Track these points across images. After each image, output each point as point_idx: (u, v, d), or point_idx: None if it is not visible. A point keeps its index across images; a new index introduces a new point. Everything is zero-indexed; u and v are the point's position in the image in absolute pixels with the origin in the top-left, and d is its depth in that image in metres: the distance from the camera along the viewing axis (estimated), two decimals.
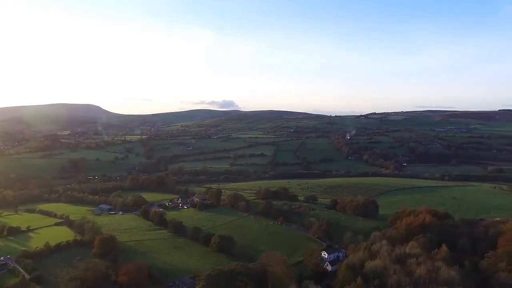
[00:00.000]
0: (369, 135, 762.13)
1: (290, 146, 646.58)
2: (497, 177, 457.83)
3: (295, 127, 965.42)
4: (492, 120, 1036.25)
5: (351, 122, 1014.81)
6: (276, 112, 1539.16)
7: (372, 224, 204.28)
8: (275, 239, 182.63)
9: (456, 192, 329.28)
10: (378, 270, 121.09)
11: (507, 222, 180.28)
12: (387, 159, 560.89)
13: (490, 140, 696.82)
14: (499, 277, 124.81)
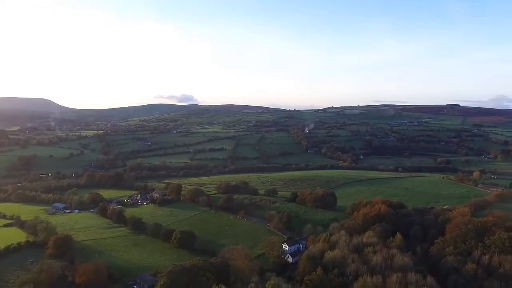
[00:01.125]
0: (327, 129, 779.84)
1: (250, 140, 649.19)
2: (446, 167, 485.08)
3: (255, 121, 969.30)
4: (441, 114, 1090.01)
5: (309, 116, 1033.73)
6: (236, 106, 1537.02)
7: (331, 215, 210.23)
8: (237, 233, 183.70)
9: (408, 183, 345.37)
10: (337, 259, 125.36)
11: (454, 210, 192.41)
12: (345, 152, 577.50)
13: (439, 133, 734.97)
14: (447, 261, 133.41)
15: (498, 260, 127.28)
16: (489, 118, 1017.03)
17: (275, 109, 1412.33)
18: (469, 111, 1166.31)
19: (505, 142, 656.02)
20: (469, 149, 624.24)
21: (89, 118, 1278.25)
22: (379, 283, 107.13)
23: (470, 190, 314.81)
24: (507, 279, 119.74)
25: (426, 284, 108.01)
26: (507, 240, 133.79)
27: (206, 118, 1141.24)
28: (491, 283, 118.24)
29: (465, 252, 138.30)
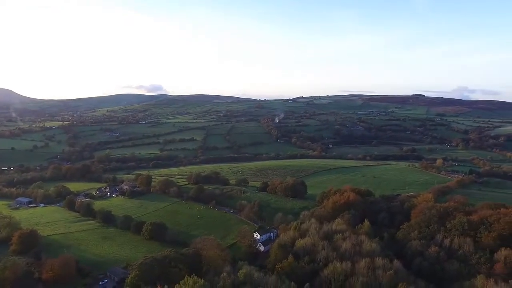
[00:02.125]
0: (297, 119, 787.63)
1: (220, 130, 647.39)
2: (411, 156, 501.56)
3: (225, 111, 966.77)
4: (407, 104, 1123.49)
5: (279, 106, 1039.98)
6: (206, 96, 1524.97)
7: (301, 204, 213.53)
8: (208, 223, 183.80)
9: (376, 171, 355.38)
10: (307, 247, 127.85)
11: (419, 196, 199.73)
12: (314, 141, 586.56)
13: (405, 123, 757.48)
14: (412, 245, 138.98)
15: (458, 242, 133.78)
16: (451, 108, 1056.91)
17: (245, 99, 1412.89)
18: (433, 101, 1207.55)
19: (465, 131, 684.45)
20: (433, 137, 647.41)
21: (53, 109, 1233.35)
22: (348, 268, 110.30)
23: (433, 177, 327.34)
24: (465, 260, 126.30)
25: (392, 268, 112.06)
26: (466, 223, 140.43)
27: (175, 108, 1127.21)
28: (452, 264, 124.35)
29: (429, 236, 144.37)
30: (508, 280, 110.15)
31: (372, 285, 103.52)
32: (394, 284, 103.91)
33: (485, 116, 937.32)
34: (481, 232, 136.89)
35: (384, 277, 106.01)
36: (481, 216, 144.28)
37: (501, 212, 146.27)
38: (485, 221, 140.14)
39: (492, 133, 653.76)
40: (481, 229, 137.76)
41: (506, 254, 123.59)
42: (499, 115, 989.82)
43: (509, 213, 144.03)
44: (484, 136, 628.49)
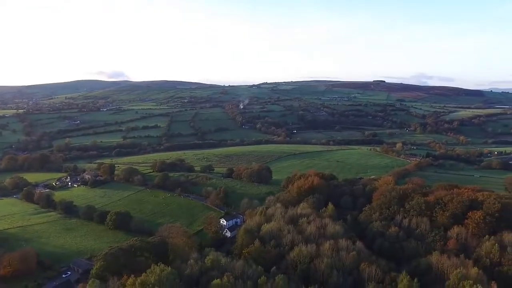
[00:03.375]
0: (261, 104, 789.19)
1: (184, 117, 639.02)
2: (372, 140, 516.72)
3: (189, 97, 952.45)
4: (368, 90, 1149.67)
5: (244, 92, 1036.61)
6: (169, 82, 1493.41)
7: (267, 189, 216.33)
8: (174, 211, 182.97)
9: (339, 155, 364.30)
10: (273, 231, 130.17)
11: (380, 179, 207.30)
12: (279, 127, 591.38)
13: (367, 108, 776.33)
14: (373, 226, 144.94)
15: (416, 222, 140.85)
16: (410, 93, 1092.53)
17: (209, 85, 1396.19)
18: (393, 87, 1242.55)
19: (423, 116, 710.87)
20: (393, 122, 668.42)
21: (6, 96, 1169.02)
22: (313, 251, 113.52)
23: (393, 160, 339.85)
24: (422, 238, 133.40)
25: (355, 249, 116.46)
26: (423, 204, 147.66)
27: (138, 94, 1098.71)
28: (410, 243, 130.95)
29: (389, 217, 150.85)
30: (459, 255, 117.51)
31: (336, 266, 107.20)
32: (357, 264, 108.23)
33: (441, 101, 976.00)
34: (437, 212, 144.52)
35: (347, 258, 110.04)
36: (437, 196, 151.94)
37: (454, 192, 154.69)
38: (440, 201, 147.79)
39: (447, 118, 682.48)
40: (436, 209, 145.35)
41: (458, 231, 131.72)
42: (453, 100, 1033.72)
43: (461, 193, 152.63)
44: (439, 121, 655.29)
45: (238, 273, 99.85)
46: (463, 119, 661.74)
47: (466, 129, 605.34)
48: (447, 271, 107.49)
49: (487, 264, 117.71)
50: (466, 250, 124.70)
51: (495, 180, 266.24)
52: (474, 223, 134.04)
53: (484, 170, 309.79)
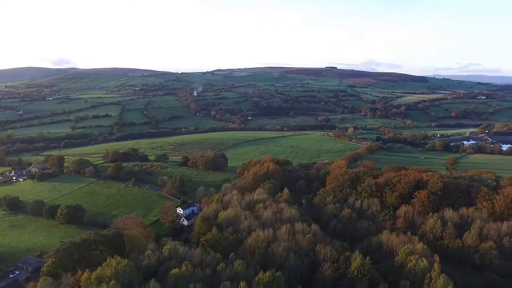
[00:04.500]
0: (215, 92, 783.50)
1: (137, 105, 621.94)
2: (325, 125, 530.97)
3: (141, 85, 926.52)
4: (321, 76, 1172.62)
5: (197, 79, 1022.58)
6: (120, 69, 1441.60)
7: (223, 176, 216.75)
8: (129, 202, 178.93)
9: (293, 141, 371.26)
10: (231, 218, 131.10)
11: (333, 163, 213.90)
12: (234, 114, 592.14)
13: (319, 94, 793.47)
14: (327, 209, 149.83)
15: (367, 203, 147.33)
16: (361, 79, 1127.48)
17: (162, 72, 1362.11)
18: (345, 73, 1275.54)
19: (373, 101, 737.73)
20: (345, 107, 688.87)
21: None
22: (270, 235, 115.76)
23: (346, 144, 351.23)
24: (373, 218, 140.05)
25: (311, 232, 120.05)
26: (374, 185, 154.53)
27: (86, 82, 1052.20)
28: (362, 223, 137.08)
29: (342, 200, 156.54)
30: (406, 232, 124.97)
31: (293, 248, 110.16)
32: (313, 246, 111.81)
33: (389, 87, 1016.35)
34: (386, 193, 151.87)
35: (303, 240, 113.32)
36: (386, 178, 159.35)
37: (402, 173, 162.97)
38: (389, 182, 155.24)
39: (395, 103, 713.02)
40: (386, 190, 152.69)
41: (406, 210, 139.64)
42: (400, 86, 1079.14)
43: (408, 174, 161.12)
44: (388, 106, 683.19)
45: (197, 261, 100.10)
46: (409, 104, 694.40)
47: (412, 114, 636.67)
48: (396, 248, 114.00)
49: (430, 239, 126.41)
50: (413, 227, 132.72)
51: (438, 161, 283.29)
52: (419, 202, 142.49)
53: (428, 152, 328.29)
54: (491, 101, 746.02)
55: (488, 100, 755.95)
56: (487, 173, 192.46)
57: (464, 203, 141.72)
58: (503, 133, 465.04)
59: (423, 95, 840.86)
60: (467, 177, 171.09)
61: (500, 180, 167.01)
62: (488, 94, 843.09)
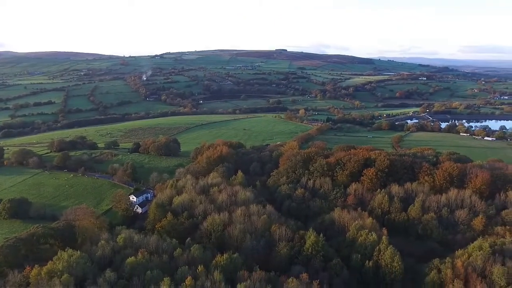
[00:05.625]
0: (165, 75, 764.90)
1: (82, 91, 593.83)
2: (277, 107, 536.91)
3: (86, 69, 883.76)
4: (271, 58, 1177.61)
5: (146, 62, 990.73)
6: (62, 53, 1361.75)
7: (176, 161, 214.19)
8: (78, 192, 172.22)
9: (246, 124, 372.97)
10: (185, 203, 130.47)
11: (285, 145, 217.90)
12: (185, 98, 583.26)
13: (270, 76, 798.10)
14: (281, 190, 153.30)
15: (320, 183, 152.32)
16: (310, 61, 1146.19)
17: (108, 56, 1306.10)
18: (295, 55, 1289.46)
19: (323, 83, 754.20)
20: (295, 90, 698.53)
21: None
22: (226, 218, 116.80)
23: (297, 126, 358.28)
24: (326, 197, 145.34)
25: (266, 213, 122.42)
26: (325, 165, 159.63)
27: (25, 67, 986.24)
28: (315, 202, 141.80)
29: (295, 180, 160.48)
30: (357, 208, 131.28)
31: (249, 230, 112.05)
32: (268, 227, 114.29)
33: (338, 69, 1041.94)
34: (337, 172, 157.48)
35: (259, 222, 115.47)
36: (337, 158, 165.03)
37: (351, 153, 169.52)
38: (340, 161, 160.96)
39: (343, 85, 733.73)
40: (337, 169, 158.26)
41: (355, 188, 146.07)
42: (348, 68, 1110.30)
43: (357, 153, 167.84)
44: (337, 87, 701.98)
45: (153, 248, 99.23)
46: (357, 86, 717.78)
47: (360, 94, 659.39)
48: (347, 224, 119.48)
49: (379, 213, 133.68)
50: (363, 204, 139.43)
51: (384, 139, 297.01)
52: (368, 179, 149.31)
53: (375, 131, 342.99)
54: (431, 82, 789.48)
55: (428, 81, 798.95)
56: (428, 149, 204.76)
57: (408, 179, 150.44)
58: (442, 112, 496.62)
59: (370, 76, 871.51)
60: (411, 154, 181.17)
61: (439, 155, 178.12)
62: (428, 76, 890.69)
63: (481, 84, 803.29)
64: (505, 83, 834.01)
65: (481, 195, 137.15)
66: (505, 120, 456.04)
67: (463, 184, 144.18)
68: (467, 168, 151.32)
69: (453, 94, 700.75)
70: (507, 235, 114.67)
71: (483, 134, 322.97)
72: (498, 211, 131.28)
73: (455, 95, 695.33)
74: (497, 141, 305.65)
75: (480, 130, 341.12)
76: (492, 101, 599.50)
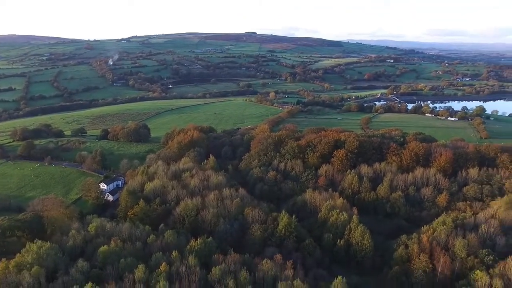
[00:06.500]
0: (133, 59, 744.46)
1: (45, 77, 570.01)
2: (247, 91, 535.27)
3: (49, 54, 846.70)
4: (241, 41, 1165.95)
5: (112, 46, 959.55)
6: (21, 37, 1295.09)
7: (146, 147, 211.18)
8: (46, 182, 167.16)
9: (216, 108, 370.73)
10: (157, 189, 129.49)
11: (256, 128, 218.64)
12: (153, 82, 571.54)
13: (240, 59, 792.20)
14: (253, 173, 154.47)
15: (291, 165, 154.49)
16: (280, 44, 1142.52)
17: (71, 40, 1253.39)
18: (264, 38, 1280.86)
19: (293, 65, 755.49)
20: (265, 73, 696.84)
21: None
22: (199, 203, 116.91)
23: (268, 109, 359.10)
24: (297, 179, 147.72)
25: (238, 196, 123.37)
26: (296, 147, 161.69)
27: None
28: (287, 184, 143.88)
29: (267, 163, 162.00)
30: (328, 189, 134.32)
31: (222, 214, 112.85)
32: (241, 210, 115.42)
33: (307, 52, 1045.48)
34: (308, 154, 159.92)
35: (232, 205, 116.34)
36: (307, 140, 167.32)
37: (322, 135, 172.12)
38: (310, 144, 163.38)
39: (313, 67, 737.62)
40: (307, 151, 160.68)
41: (326, 169, 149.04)
42: (318, 51, 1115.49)
43: (328, 135, 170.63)
44: (307, 70, 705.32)
45: (126, 236, 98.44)
46: (326, 68, 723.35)
47: (329, 77, 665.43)
48: (319, 205, 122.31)
49: (349, 194, 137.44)
50: (333, 184, 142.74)
51: (353, 121, 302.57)
52: (338, 160, 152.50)
53: (345, 113, 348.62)
54: (398, 64, 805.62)
55: (395, 64, 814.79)
56: (396, 130, 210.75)
57: (377, 159, 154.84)
58: (408, 93, 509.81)
59: (339, 59, 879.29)
60: (379, 135, 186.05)
61: (406, 136, 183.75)
62: (395, 58, 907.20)
63: (445, 66, 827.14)
64: (467, 65, 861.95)
65: (445, 173, 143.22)
66: (467, 100, 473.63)
67: (428, 163, 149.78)
68: (432, 148, 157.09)
69: (419, 76, 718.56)
70: (467, 210, 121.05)
71: (446, 114, 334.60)
72: (460, 187, 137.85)
73: (420, 77, 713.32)
74: (459, 121, 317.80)
75: (444, 110, 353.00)
76: (455, 83, 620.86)
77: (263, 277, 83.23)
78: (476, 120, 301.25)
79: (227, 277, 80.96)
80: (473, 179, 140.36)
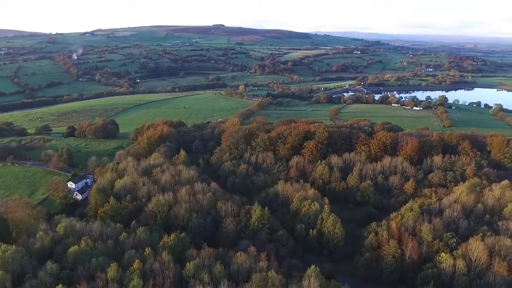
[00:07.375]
0: (98, 54, 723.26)
1: (4, 72, 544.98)
2: (217, 84, 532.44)
3: (6, 48, 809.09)
4: (209, 34, 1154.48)
5: (76, 40, 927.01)
6: None
7: (115, 144, 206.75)
8: (9, 183, 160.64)
9: (186, 102, 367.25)
10: (128, 186, 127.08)
11: (227, 121, 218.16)
12: (121, 77, 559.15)
13: (209, 52, 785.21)
14: (224, 166, 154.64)
15: (262, 157, 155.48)
16: (249, 37, 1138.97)
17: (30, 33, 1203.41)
18: (233, 30, 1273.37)
19: (262, 58, 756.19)
20: (235, 65, 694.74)
21: None
22: (171, 198, 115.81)
23: (238, 102, 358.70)
24: (269, 171, 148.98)
25: (211, 190, 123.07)
26: (267, 140, 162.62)
27: None
28: (258, 177, 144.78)
29: (238, 156, 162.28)
30: (299, 180, 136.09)
31: (195, 208, 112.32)
32: (214, 204, 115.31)
33: (276, 44, 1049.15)
34: (279, 146, 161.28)
35: (204, 199, 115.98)
36: (278, 132, 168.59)
37: (292, 126, 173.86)
38: (281, 136, 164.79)
39: (282, 59, 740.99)
40: (278, 143, 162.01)
41: (297, 160, 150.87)
42: (286, 43, 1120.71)
43: (298, 126, 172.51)
44: (276, 62, 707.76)
45: (97, 235, 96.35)
46: (295, 60, 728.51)
47: (298, 69, 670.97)
48: (291, 196, 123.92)
49: (320, 184, 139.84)
50: (305, 175, 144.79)
51: (323, 112, 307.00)
52: (309, 151, 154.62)
53: (314, 105, 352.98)
54: (365, 56, 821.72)
55: (362, 55, 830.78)
56: (364, 120, 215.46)
57: (346, 149, 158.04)
58: (375, 84, 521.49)
59: (308, 51, 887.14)
60: (348, 125, 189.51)
61: (374, 126, 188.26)
62: (362, 49, 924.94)
63: (409, 57, 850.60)
64: (430, 56, 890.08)
65: (411, 161, 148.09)
66: (430, 90, 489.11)
67: (396, 152, 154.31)
68: (399, 137, 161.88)
69: (385, 67, 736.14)
70: (433, 195, 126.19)
71: (411, 104, 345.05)
72: (425, 174, 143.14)
73: (386, 67, 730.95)
74: (424, 110, 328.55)
75: (409, 100, 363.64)
76: (419, 73, 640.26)
77: (237, 270, 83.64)
78: (439, 109, 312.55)
79: (201, 271, 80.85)
80: (438, 166, 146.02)
